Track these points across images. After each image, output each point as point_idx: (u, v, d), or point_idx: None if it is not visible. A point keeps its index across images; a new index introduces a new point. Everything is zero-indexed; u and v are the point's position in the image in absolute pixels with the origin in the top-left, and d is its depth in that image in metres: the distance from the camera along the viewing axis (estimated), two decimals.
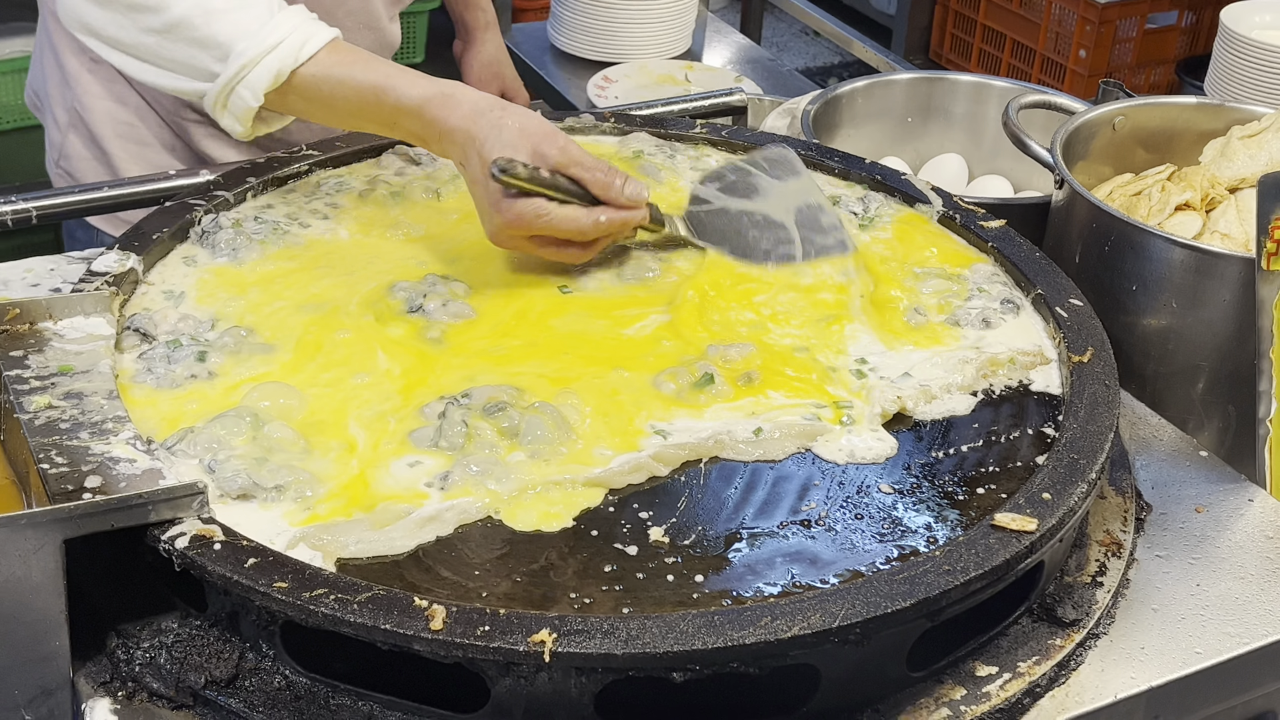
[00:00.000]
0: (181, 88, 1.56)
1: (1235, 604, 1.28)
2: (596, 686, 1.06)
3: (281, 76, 1.50)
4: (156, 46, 1.52)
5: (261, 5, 1.52)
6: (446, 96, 1.48)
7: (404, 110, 1.49)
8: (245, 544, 1.12)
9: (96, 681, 1.14)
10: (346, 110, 1.53)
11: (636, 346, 1.42)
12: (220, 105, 1.54)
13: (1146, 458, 1.46)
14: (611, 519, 1.21)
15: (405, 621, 1.05)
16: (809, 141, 1.89)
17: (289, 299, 1.47)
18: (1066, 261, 1.67)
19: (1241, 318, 1.58)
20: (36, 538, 1.06)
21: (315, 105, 1.54)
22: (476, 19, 2.53)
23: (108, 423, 1.21)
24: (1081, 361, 1.40)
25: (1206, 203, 1.76)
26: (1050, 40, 4.55)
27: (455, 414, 1.28)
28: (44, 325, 1.34)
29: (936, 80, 2.24)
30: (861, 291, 1.50)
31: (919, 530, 1.22)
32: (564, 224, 1.46)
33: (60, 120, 2.01)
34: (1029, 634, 1.22)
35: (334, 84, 1.51)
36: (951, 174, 2.19)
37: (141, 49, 1.54)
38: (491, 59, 2.51)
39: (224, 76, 1.51)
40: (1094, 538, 1.33)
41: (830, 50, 5.90)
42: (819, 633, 1.06)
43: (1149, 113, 1.91)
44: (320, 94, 1.52)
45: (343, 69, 1.51)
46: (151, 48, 1.53)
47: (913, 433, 1.34)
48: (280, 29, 1.50)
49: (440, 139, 1.49)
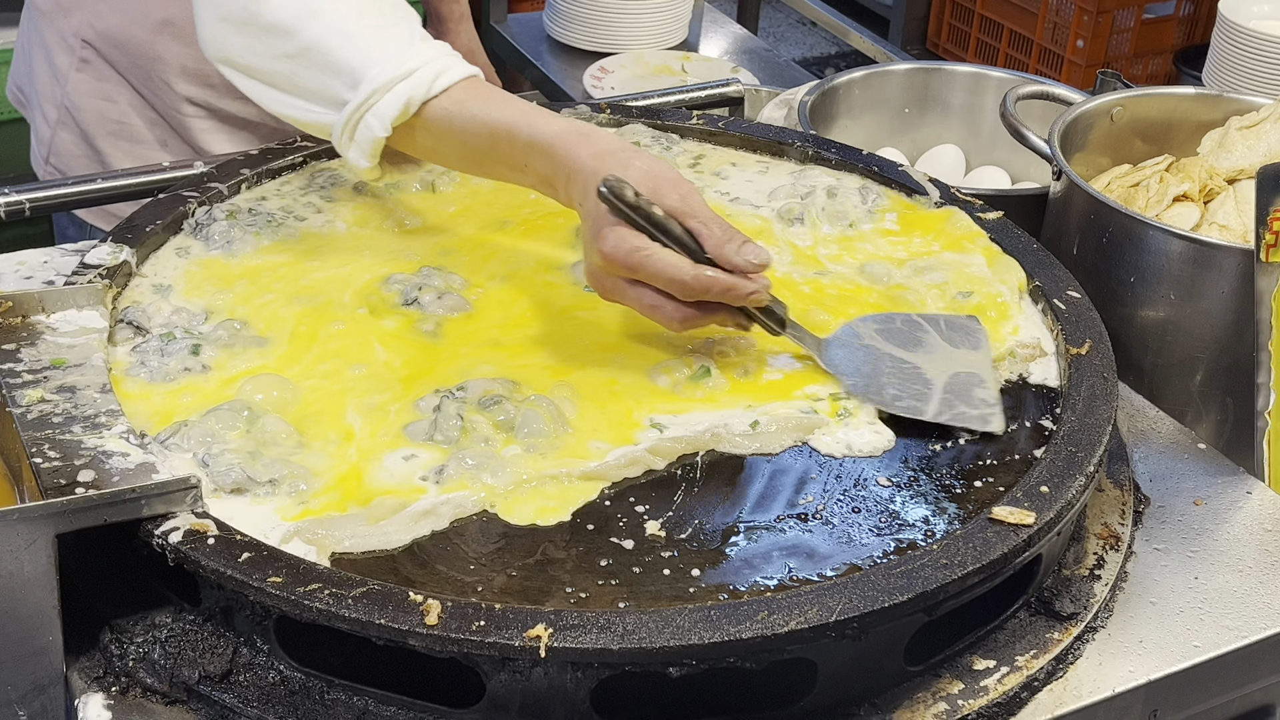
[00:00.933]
0: (314, 120, 1.49)
1: (1234, 597, 1.28)
2: (593, 681, 1.06)
3: (412, 106, 1.43)
4: (290, 74, 1.47)
5: (402, 32, 1.46)
6: (582, 135, 1.39)
7: (536, 148, 1.40)
8: (239, 538, 1.12)
9: (90, 676, 1.13)
10: (477, 149, 1.45)
11: (633, 340, 1.41)
12: (348, 136, 1.47)
13: (1144, 450, 1.46)
14: (608, 513, 1.21)
15: (400, 616, 1.04)
16: (806, 132, 1.88)
17: (282, 291, 1.46)
18: (1064, 253, 1.66)
19: (1240, 309, 1.58)
20: (29, 532, 1.05)
21: (445, 143, 1.47)
22: (451, 10, 2.53)
23: (101, 416, 1.20)
24: (1080, 354, 1.40)
25: (1205, 194, 1.75)
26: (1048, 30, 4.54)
27: (450, 407, 1.28)
28: (36, 318, 1.33)
29: (934, 71, 2.24)
30: None
31: (916, 524, 1.21)
32: (663, 267, 1.31)
33: (49, 117, 2.00)
34: (1026, 627, 1.22)
35: (465, 119, 1.43)
36: (949, 165, 2.18)
37: (277, 77, 1.48)
38: (467, 50, 2.51)
39: (353, 103, 1.44)
40: (1092, 531, 1.32)
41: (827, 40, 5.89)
42: (816, 627, 1.06)
43: (1147, 103, 1.90)
44: (451, 129, 1.44)
45: (476, 105, 1.44)
46: (286, 75, 1.47)
47: (910, 426, 1.34)
48: (418, 57, 1.43)
49: (569, 179, 1.38)
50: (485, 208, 1.63)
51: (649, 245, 1.31)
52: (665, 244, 1.31)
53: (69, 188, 1.80)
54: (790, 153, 1.77)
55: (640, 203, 1.30)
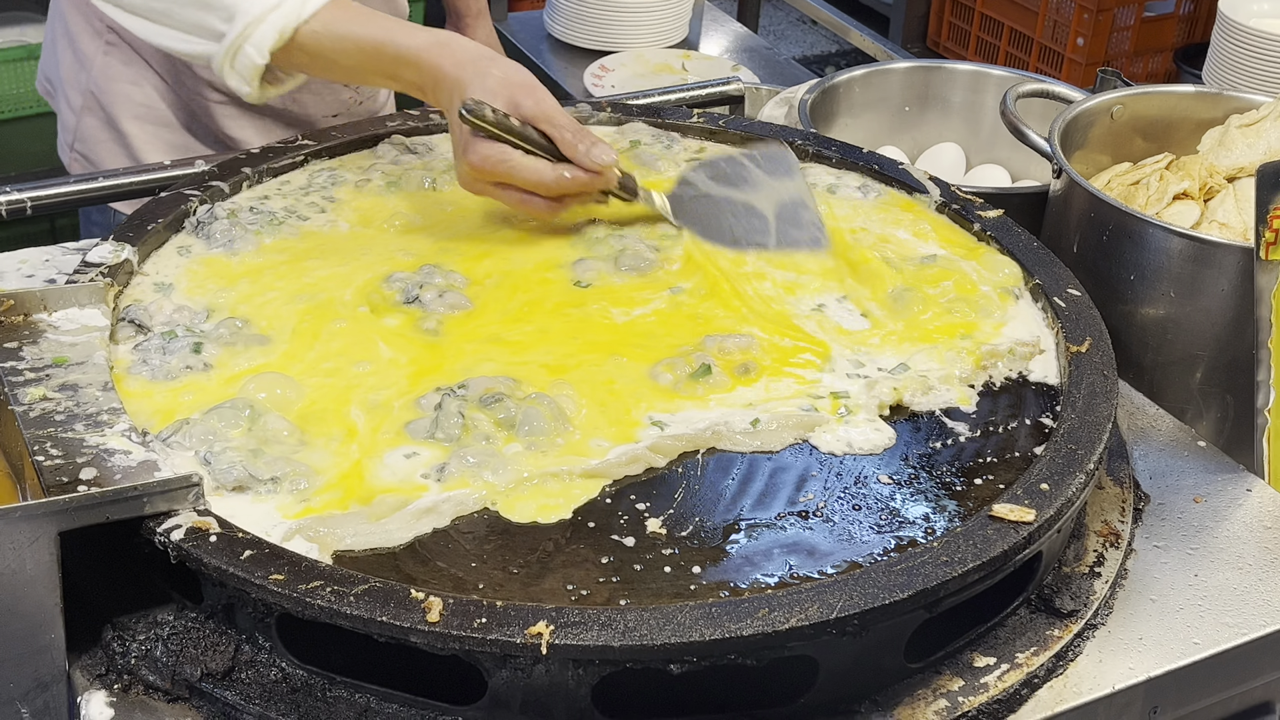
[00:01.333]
0: (190, 50, 1.59)
1: (1234, 594, 1.28)
2: (594, 678, 1.06)
3: (286, 33, 1.54)
4: (165, 8, 1.57)
5: None
6: (442, 45, 1.53)
7: (404, 60, 1.53)
8: (241, 536, 1.12)
9: (92, 674, 1.13)
10: (351, 65, 1.57)
11: (633, 337, 1.41)
12: (228, 65, 1.57)
13: (1145, 448, 1.46)
14: (608, 510, 1.21)
15: (402, 614, 1.05)
16: (806, 131, 1.88)
17: (284, 289, 1.46)
18: (1064, 251, 1.66)
19: (1240, 307, 1.58)
20: (31, 530, 1.05)
21: (320, 61, 1.58)
22: (468, 6, 2.53)
23: (103, 415, 1.20)
24: (1080, 351, 1.40)
25: (1205, 192, 1.75)
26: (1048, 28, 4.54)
27: (451, 405, 1.28)
28: (39, 316, 1.33)
29: (934, 69, 2.24)
30: None
31: (917, 521, 1.21)
32: (526, 173, 1.49)
33: (74, 104, 2.01)
34: (1027, 624, 1.22)
35: (336, 39, 1.55)
36: (949, 163, 2.18)
37: (152, 11, 1.58)
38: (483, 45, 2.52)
39: (230, 36, 1.54)
40: (1092, 528, 1.33)
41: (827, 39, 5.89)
42: (817, 624, 1.06)
43: (1147, 101, 1.91)
44: (324, 50, 1.56)
45: (345, 25, 1.55)
46: (161, 10, 1.57)
47: (910, 423, 1.34)
48: None
49: (435, 86, 1.52)
50: (485, 206, 1.63)
51: (512, 155, 1.49)
52: (526, 150, 1.49)
53: (70, 186, 1.80)
54: None
55: (499, 119, 1.47)
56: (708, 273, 1.51)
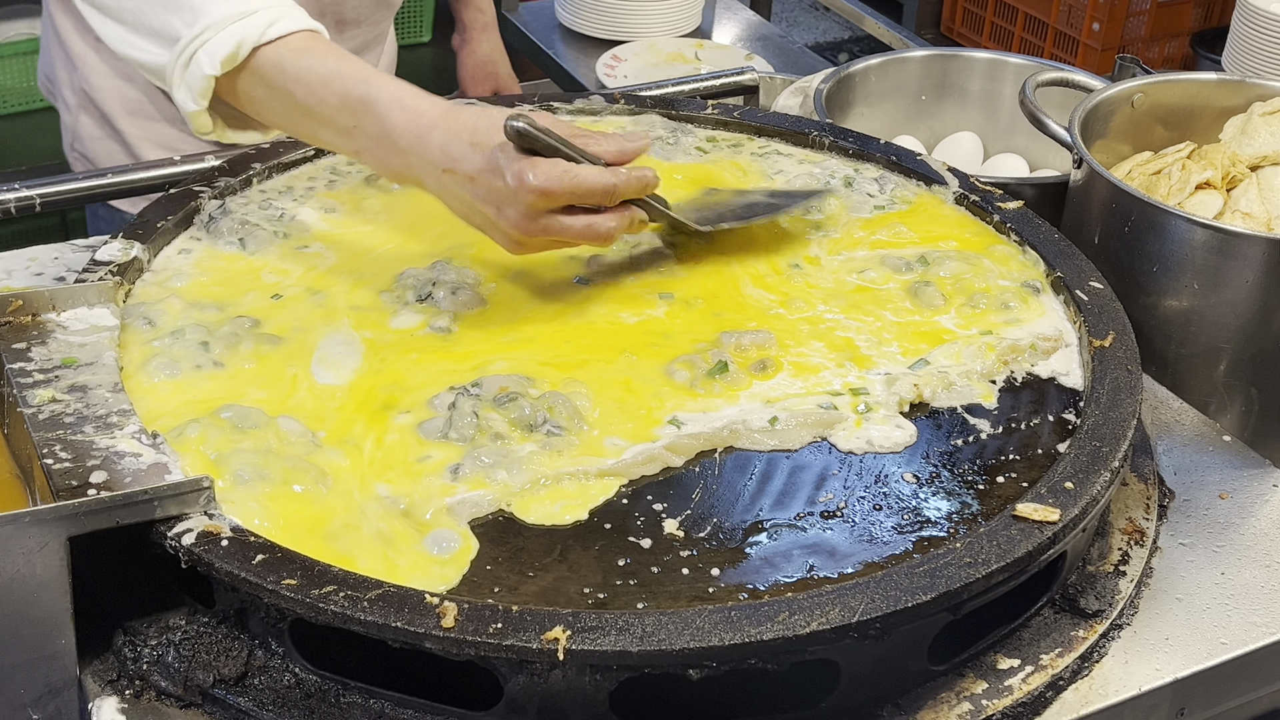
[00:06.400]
0: (151, 62, 1.44)
1: (1261, 592, 1.26)
2: (612, 684, 1.04)
3: (244, 47, 1.38)
4: (136, 9, 1.43)
5: None
6: (420, 93, 1.38)
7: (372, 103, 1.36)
8: (253, 540, 1.10)
9: (104, 680, 1.12)
10: (306, 103, 1.39)
11: (649, 335, 1.39)
12: (179, 73, 1.41)
13: (1168, 443, 1.44)
14: (625, 511, 1.19)
15: (416, 619, 1.03)
16: (823, 121, 1.86)
17: (294, 287, 1.45)
18: (1085, 243, 1.64)
19: (1264, 298, 1.55)
20: (41, 535, 1.04)
21: (274, 95, 1.40)
22: (474, 19, 2.52)
23: (112, 416, 1.19)
24: (1103, 346, 1.38)
25: (1227, 181, 1.73)
26: (1063, 13, 4.50)
27: (465, 405, 1.26)
28: (47, 317, 1.31)
29: (951, 57, 2.21)
30: None
31: (939, 521, 1.19)
32: (590, 180, 1.32)
33: (70, 103, 2.00)
34: (1051, 625, 1.20)
35: (298, 70, 1.38)
36: (966, 152, 2.15)
37: (124, 12, 1.44)
38: (486, 59, 2.51)
39: (185, 38, 1.39)
40: (1116, 526, 1.31)
41: (840, 25, 5.85)
42: (838, 628, 1.04)
43: (1168, 90, 1.88)
44: (283, 79, 1.39)
45: (311, 56, 1.39)
46: (132, 10, 1.43)
47: (931, 420, 1.32)
48: (261, 1, 1.40)
49: (420, 137, 1.35)
50: None
51: (569, 164, 1.33)
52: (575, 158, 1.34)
53: (80, 182, 1.79)
54: (806, 142, 1.75)
55: (548, 132, 1.31)
56: (722, 272, 1.49)
